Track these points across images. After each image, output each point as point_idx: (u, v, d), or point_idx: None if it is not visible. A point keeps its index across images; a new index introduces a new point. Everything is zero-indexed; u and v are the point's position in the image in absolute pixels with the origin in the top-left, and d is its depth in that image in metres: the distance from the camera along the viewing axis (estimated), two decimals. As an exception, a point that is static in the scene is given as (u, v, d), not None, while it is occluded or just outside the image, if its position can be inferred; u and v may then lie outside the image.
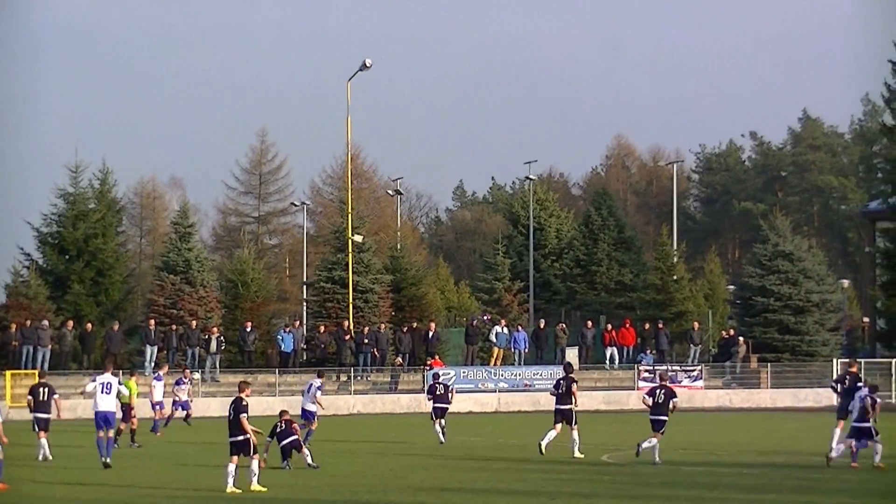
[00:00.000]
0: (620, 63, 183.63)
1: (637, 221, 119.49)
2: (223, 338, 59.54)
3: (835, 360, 62.29)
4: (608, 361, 62.35)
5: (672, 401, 31.59)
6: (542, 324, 64.16)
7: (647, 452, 31.19)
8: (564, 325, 64.79)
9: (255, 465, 26.24)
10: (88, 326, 58.47)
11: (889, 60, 68.95)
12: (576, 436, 32.90)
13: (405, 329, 61.36)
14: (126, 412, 37.97)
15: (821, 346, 65.70)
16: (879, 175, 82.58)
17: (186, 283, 62.37)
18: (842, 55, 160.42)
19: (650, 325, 63.98)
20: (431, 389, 40.89)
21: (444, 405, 39.83)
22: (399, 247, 74.59)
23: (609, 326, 63.82)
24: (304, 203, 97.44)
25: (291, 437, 30.32)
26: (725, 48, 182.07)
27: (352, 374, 59.41)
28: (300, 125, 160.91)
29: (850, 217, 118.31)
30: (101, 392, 31.32)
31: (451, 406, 41.71)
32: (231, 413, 26.60)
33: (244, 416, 26.34)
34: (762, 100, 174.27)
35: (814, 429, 44.44)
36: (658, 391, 31.91)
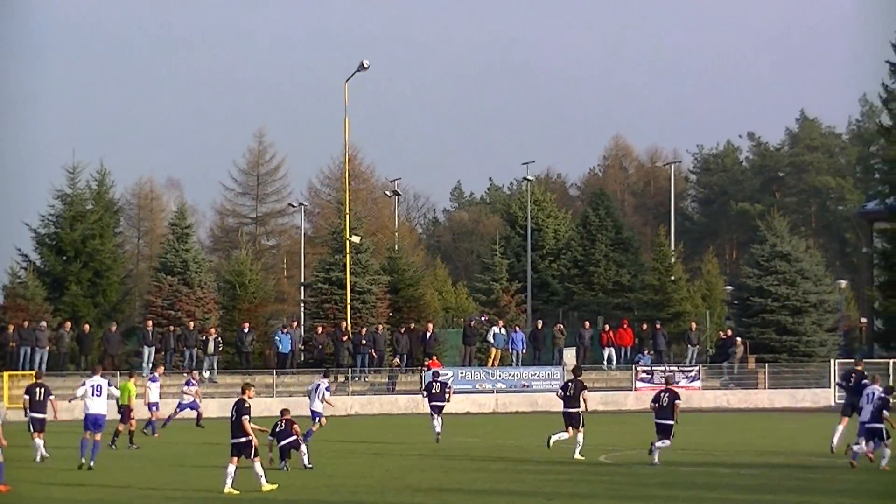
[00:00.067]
0: (618, 64, 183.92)
1: (635, 222, 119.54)
2: (221, 339, 59.46)
3: (832, 361, 62.32)
4: (606, 362, 62.34)
5: (674, 402, 31.38)
6: (540, 324, 64.15)
7: (654, 453, 31.14)
8: (562, 326, 64.84)
9: (259, 467, 26.24)
10: (86, 327, 58.41)
11: (887, 61, 68.96)
12: (580, 438, 32.77)
13: (403, 330, 61.34)
14: (125, 413, 37.99)
15: (818, 347, 65.69)
16: (877, 176, 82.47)
17: (184, 284, 62.35)
18: (839, 56, 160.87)
19: (648, 326, 63.98)
20: (428, 387, 41.02)
21: (440, 403, 40.02)
22: (397, 248, 74.59)
23: (607, 327, 63.80)
24: (302, 204, 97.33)
25: (291, 438, 30.31)
26: (723, 49, 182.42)
27: (349, 375, 59.37)
28: (298, 126, 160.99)
29: (848, 218, 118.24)
30: (92, 395, 31.21)
31: (449, 406, 41.90)
32: (233, 414, 26.61)
33: (246, 419, 26.33)
34: (760, 100, 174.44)
35: (812, 429, 44.51)
36: (662, 395, 31.66)
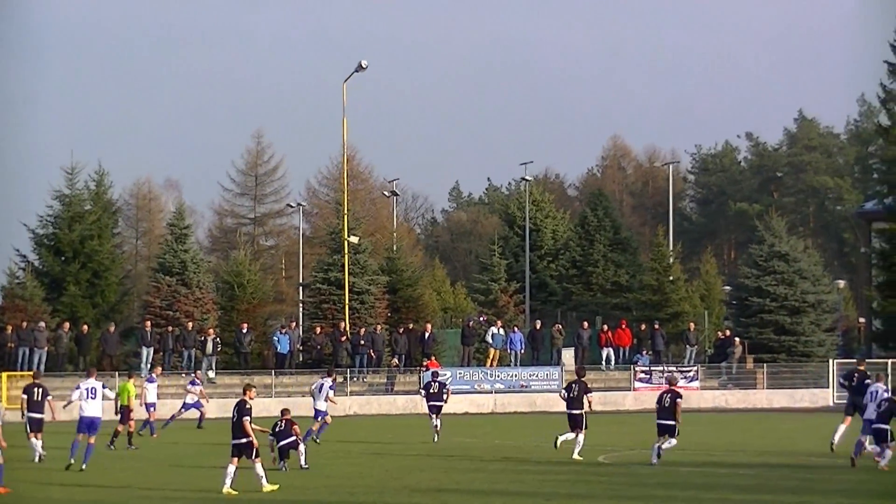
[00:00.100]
0: (616, 64, 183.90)
1: (633, 222, 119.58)
2: (219, 339, 59.49)
3: (831, 361, 62.37)
4: (604, 362, 62.34)
5: (675, 401, 31.37)
6: (538, 325, 64.23)
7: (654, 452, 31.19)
8: (560, 326, 64.88)
9: (259, 468, 26.23)
10: (84, 328, 58.39)
11: (885, 61, 68.98)
12: (581, 439, 32.86)
13: (401, 330, 61.32)
14: (124, 414, 37.99)
15: (817, 347, 65.71)
16: (875, 176, 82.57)
17: (182, 285, 62.35)
18: (838, 56, 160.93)
19: (646, 326, 64.00)
20: (427, 387, 41.09)
21: (438, 403, 40.07)
22: (395, 248, 74.55)
23: (605, 327, 63.81)
24: (300, 204, 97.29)
25: (290, 439, 30.27)
26: (721, 49, 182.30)
27: (348, 376, 59.35)
28: (296, 126, 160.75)
29: (846, 218, 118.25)
30: (87, 398, 31.09)
31: (448, 406, 41.97)
32: (234, 415, 26.61)
33: (247, 420, 26.33)
34: (758, 100, 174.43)
35: (810, 429, 44.55)
36: (665, 396, 31.65)
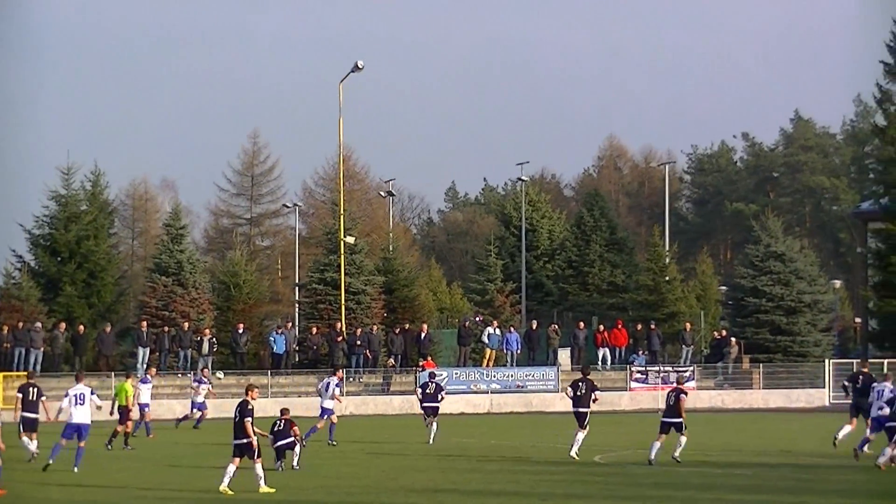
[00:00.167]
0: (612, 64, 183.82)
1: (629, 222, 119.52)
2: (215, 339, 59.49)
3: (827, 361, 62.43)
4: (600, 362, 62.30)
5: (679, 397, 31.53)
6: (535, 325, 64.23)
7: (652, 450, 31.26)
8: (557, 326, 64.87)
9: (259, 469, 26.21)
10: (81, 328, 58.36)
11: (881, 61, 68.96)
12: (580, 436, 33.02)
13: (397, 330, 61.32)
14: (123, 414, 37.97)
15: (813, 347, 65.75)
16: (871, 176, 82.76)
17: (178, 285, 62.33)
18: (834, 56, 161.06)
19: (642, 326, 64.01)
20: (423, 386, 41.11)
21: (433, 404, 40.02)
22: (391, 248, 74.51)
23: (601, 327, 63.85)
24: (297, 205, 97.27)
25: (288, 439, 30.23)
26: (717, 49, 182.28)
27: (344, 376, 59.26)
28: (292, 127, 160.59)
29: (842, 218, 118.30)
30: (75, 404, 30.87)
31: (444, 406, 41.95)
32: (236, 416, 26.58)
33: (248, 420, 26.30)
34: (754, 101, 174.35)
35: (806, 429, 44.60)
36: (671, 395, 31.90)
